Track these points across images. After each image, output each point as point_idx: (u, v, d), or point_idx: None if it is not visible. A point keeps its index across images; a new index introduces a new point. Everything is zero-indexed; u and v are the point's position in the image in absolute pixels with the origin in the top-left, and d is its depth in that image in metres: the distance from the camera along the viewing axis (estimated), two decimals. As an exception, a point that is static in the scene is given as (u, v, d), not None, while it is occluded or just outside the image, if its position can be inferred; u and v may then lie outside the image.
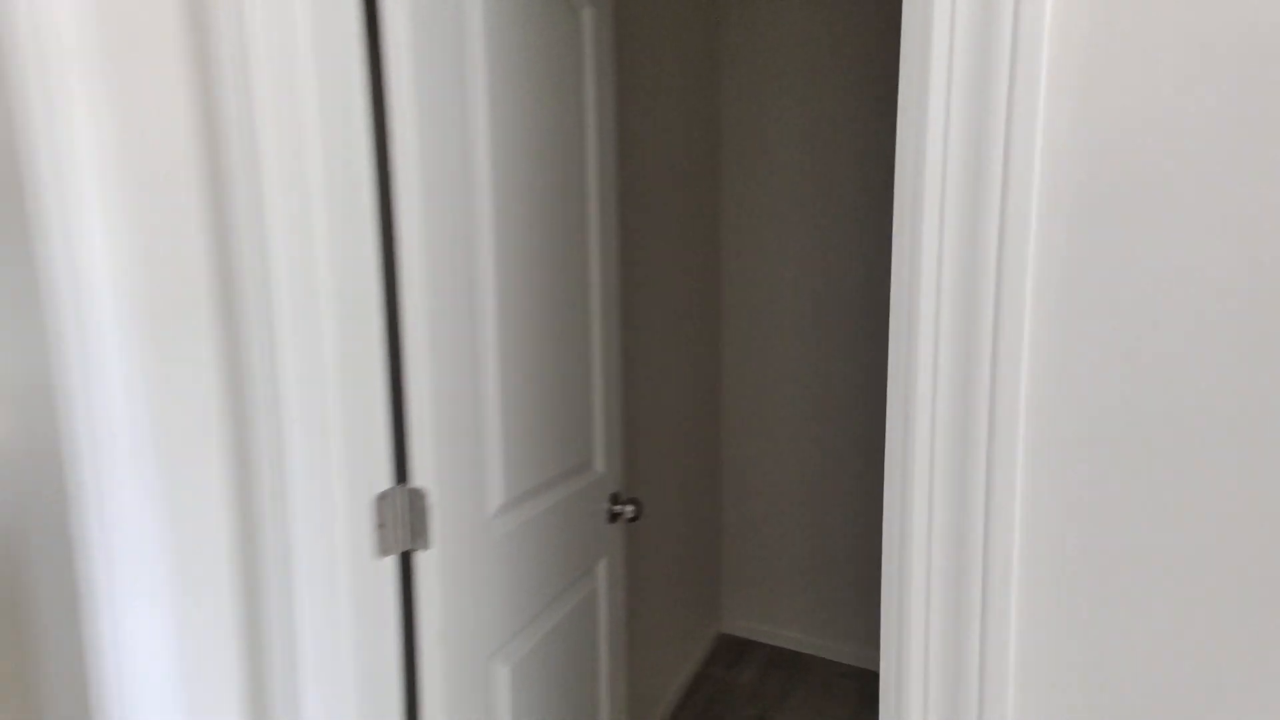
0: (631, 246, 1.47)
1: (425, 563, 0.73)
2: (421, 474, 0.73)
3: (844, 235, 1.89)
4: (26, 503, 0.58)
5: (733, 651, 2.12)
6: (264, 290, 0.60)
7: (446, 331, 0.76)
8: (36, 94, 0.50)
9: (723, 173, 2.05)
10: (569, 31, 0.99)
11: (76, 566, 0.54)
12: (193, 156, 0.60)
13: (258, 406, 0.62)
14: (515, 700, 0.90)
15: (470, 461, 0.80)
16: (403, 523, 0.73)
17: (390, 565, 0.72)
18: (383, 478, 0.71)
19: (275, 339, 0.61)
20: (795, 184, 1.93)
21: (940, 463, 0.47)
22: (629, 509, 1.11)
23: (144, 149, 0.57)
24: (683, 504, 1.87)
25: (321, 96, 0.61)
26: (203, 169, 0.60)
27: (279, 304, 0.60)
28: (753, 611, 2.19)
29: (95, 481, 0.55)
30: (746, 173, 2.01)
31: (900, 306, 0.49)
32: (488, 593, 0.83)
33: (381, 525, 0.71)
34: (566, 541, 1.01)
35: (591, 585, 1.11)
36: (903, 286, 0.48)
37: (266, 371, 0.62)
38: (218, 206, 0.60)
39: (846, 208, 1.88)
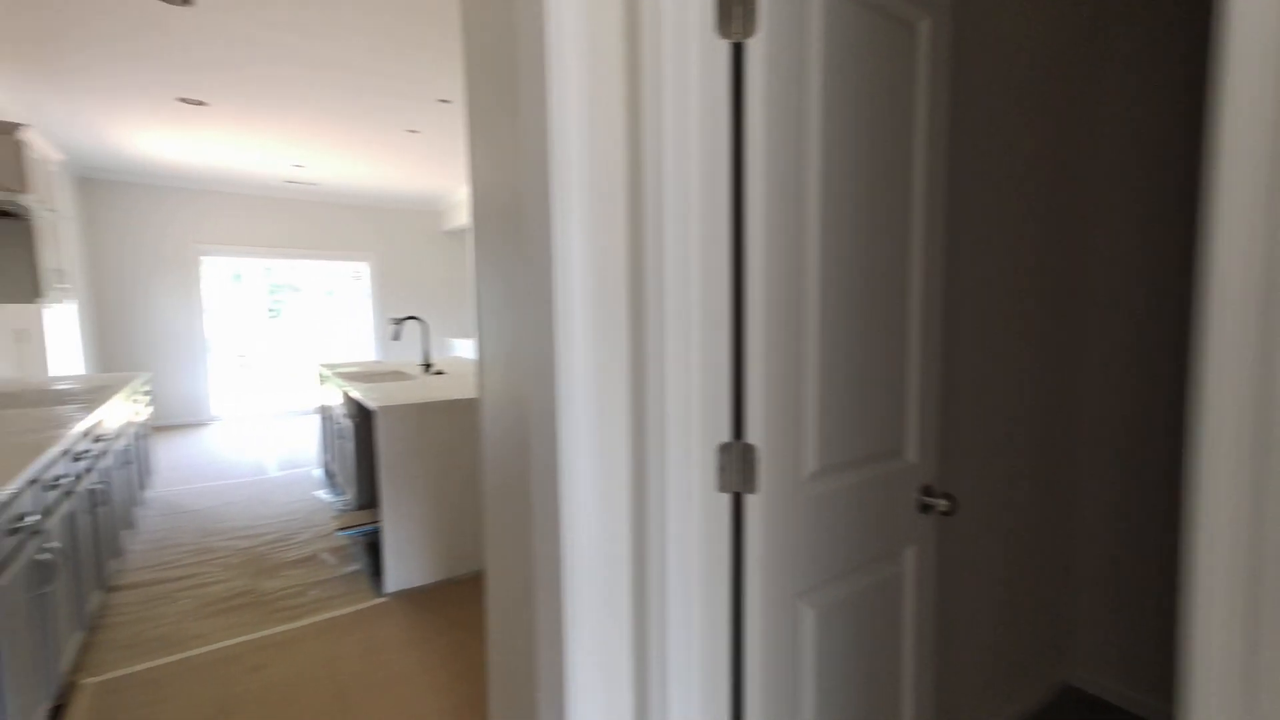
0: (966, 252, 1.43)
1: (753, 502, 0.94)
2: (753, 433, 0.94)
3: None
4: (534, 415, 0.99)
5: (1081, 709, 1.80)
6: (659, 300, 0.88)
7: (777, 324, 0.94)
8: (559, 217, 0.88)
9: (1094, 177, 1.75)
10: (903, 45, 1.07)
11: (556, 451, 0.91)
12: (621, 227, 0.92)
13: (649, 373, 0.91)
14: (820, 644, 1.04)
15: (791, 430, 0.97)
16: (737, 469, 0.94)
17: (726, 500, 0.95)
18: (724, 432, 0.94)
19: (664, 329, 0.89)
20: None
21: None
22: (942, 502, 1.13)
23: (599, 227, 0.91)
24: (1018, 524, 1.70)
25: (701, 164, 0.87)
26: (628, 232, 0.92)
27: (667, 309, 0.88)
28: (1114, 669, 1.81)
29: (567, 407, 0.91)
30: (1131, 176, 1.68)
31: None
32: (798, 539, 0.99)
33: (722, 468, 0.94)
34: (871, 517, 1.10)
35: (897, 569, 1.16)
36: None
37: (656, 350, 0.90)
38: (634, 251, 0.91)
39: None
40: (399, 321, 3.95)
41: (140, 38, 2.94)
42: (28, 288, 3.17)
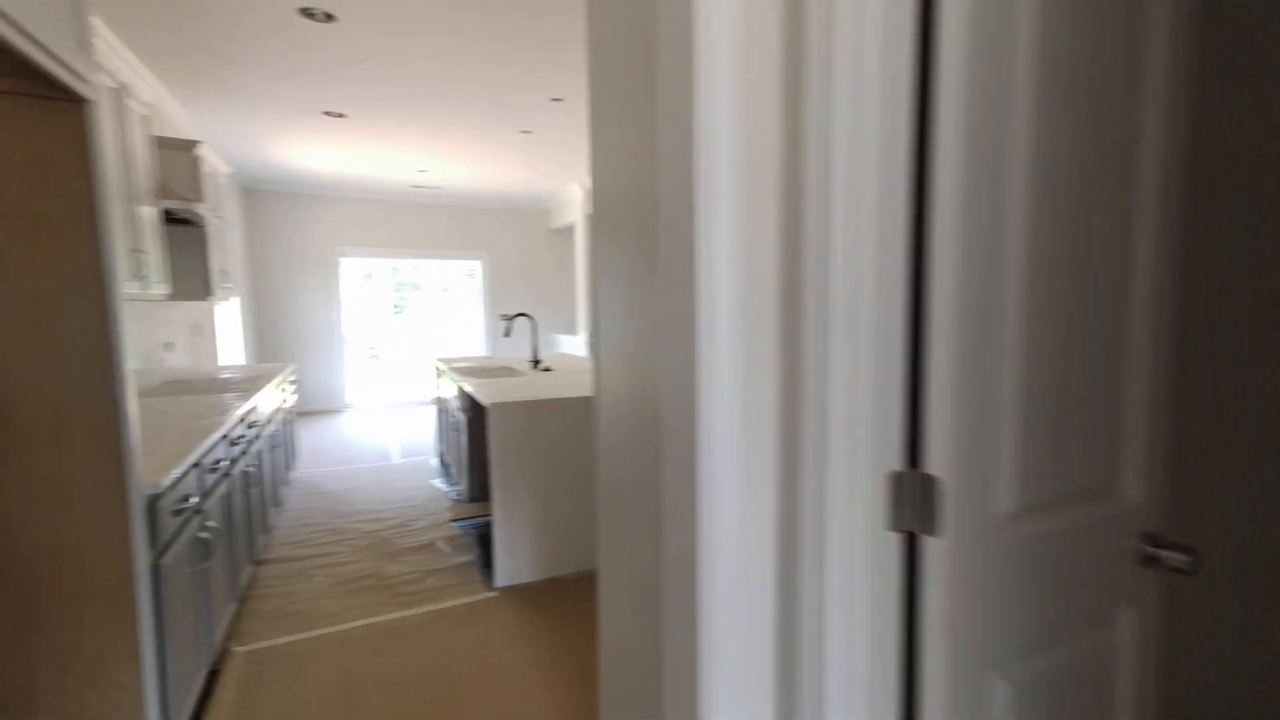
0: (1213, 237, 1.14)
1: (934, 548, 0.77)
2: (935, 463, 0.77)
3: None
4: (665, 424, 0.89)
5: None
6: (822, 302, 0.74)
7: (968, 330, 0.77)
8: (704, 209, 0.76)
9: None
10: (1129, 7, 0.84)
11: (694, 456, 0.80)
12: (774, 217, 0.79)
13: (805, 385, 0.77)
14: (1009, 722, 0.84)
15: (982, 459, 0.79)
16: (913, 504, 0.78)
17: (896, 540, 0.79)
18: (895, 458, 0.78)
19: (828, 335, 0.74)
20: None
21: None
22: (1177, 556, 0.89)
23: (749, 220, 0.79)
24: (1252, 580, 1.36)
25: (880, 146, 0.71)
26: (781, 222, 0.79)
27: (832, 313, 0.74)
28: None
29: (707, 420, 0.79)
30: None
31: None
32: (991, 595, 0.81)
33: (895, 502, 0.78)
34: (1074, 570, 0.88)
35: (1108, 636, 0.93)
36: None
37: (817, 359, 0.76)
38: (789, 244, 0.78)
39: None
40: (510, 318, 4.05)
41: (295, 57, 3.20)
42: (201, 287, 3.57)
